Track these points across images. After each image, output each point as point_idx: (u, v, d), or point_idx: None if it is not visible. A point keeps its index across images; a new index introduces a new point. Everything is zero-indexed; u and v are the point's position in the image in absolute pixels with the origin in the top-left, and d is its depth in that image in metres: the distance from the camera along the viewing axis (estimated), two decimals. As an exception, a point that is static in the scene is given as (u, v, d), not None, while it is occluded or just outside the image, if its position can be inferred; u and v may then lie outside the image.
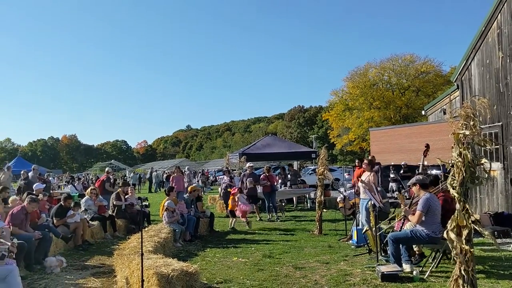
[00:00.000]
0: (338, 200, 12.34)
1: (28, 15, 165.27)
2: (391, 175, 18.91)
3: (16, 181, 21.61)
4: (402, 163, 18.89)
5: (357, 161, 14.29)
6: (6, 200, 9.47)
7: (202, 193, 17.47)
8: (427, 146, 9.98)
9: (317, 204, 11.06)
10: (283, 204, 16.31)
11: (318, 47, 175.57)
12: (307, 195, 17.73)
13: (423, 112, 24.29)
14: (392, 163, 19.31)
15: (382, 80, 51.88)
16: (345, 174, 27.01)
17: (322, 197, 11.01)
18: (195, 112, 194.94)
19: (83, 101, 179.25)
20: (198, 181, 32.24)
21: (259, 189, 14.54)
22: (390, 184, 19.04)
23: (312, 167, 30.75)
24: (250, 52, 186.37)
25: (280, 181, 17.81)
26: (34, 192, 10.53)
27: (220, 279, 6.73)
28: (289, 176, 17.89)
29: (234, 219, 12.31)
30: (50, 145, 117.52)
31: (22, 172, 15.94)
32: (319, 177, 10.98)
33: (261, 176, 14.54)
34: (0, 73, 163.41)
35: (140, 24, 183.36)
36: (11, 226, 7.55)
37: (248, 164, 15.64)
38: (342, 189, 14.61)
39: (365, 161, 9.61)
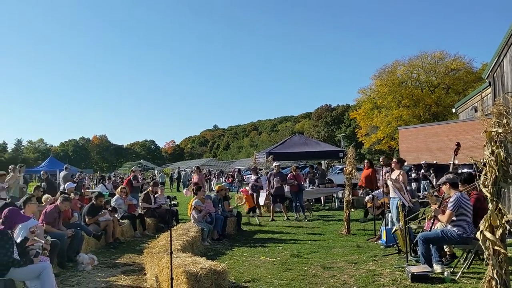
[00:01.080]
0: (366, 199, 12.21)
1: (57, 21, 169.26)
2: (412, 175, 18.60)
3: (32, 181, 22.16)
4: (422, 162, 18.58)
5: (365, 161, 14.27)
6: (39, 199, 9.76)
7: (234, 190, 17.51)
8: (458, 144, 9.77)
9: (345, 203, 10.99)
10: (311, 203, 16.24)
11: (344, 45, 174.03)
12: (334, 195, 17.61)
13: (453, 110, 23.82)
14: (423, 162, 18.97)
15: (411, 78, 51.03)
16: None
17: (350, 196, 10.92)
18: (222, 112, 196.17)
19: (113, 102, 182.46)
20: (235, 180, 32.35)
21: (286, 189, 14.52)
22: (422, 182, 18.70)
23: (340, 166, 30.50)
24: (277, 51, 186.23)
25: (307, 180, 17.74)
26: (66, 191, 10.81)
27: (248, 278, 6.76)
28: (317, 175, 17.80)
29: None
30: (81, 145, 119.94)
31: (41, 173, 16.26)
32: (347, 176, 10.89)
33: (288, 175, 14.51)
34: (33, 77, 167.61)
35: (169, 25, 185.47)
36: (44, 225, 7.76)
37: (275, 163, 15.64)
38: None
39: (394, 159, 9.47)
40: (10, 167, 13.40)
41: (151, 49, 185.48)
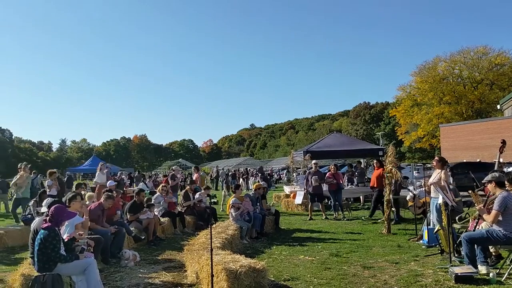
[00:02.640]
0: (407, 198, 11.97)
1: (96, 26, 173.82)
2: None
3: (76, 179, 22.59)
4: (464, 161, 18.06)
5: (375, 161, 14.01)
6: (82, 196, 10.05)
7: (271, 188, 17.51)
8: (503, 142, 9.43)
9: (385, 203, 10.81)
10: (349, 202, 16.07)
11: (383, 42, 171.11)
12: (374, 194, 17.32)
13: (498, 107, 23.03)
14: (464, 160, 18.46)
15: (452, 74, 49.70)
16: (414, 172, 26.13)
17: (391, 195, 10.74)
18: (259, 111, 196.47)
19: (153, 102, 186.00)
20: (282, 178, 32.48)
21: (325, 187, 14.41)
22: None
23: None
24: (314, 49, 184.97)
25: (346, 179, 17.55)
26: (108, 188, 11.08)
27: (287, 276, 6.75)
28: (356, 174, 17.58)
29: None
30: (122, 145, 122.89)
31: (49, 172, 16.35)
32: (388, 175, 10.71)
33: (327, 174, 14.40)
34: (76, 79, 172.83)
35: (205, 24, 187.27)
36: (89, 222, 8.00)
37: (313, 162, 15.54)
38: (411, 187, 14.14)
39: (436, 158, 9.24)
40: (19, 165, 13.45)
41: (189, 51, 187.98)
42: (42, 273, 5.32)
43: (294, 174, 24.03)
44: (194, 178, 16.04)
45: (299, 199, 16.18)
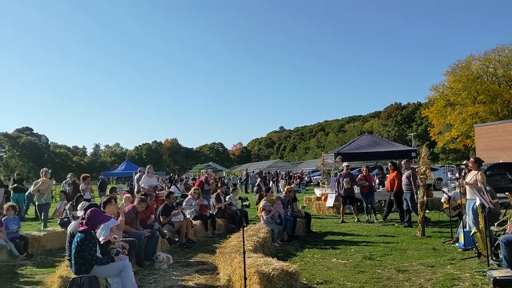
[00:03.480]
0: (442, 200, 11.72)
1: (122, 35, 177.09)
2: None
3: (110, 183, 22.88)
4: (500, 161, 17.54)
5: (389, 164, 13.77)
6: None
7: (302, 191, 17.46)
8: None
9: (419, 205, 10.61)
10: (382, 205, 15.83)
11: (414, 41, 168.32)
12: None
13: (535, 105, 22.28)
14: (501, 161, 17.94)
15: (487, 73, 48.47)
16: (448, 173, 25.55)
17: (425, 197, 10.53)
18: (288, 113, 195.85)
19: (183, 107, 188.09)
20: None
21: (356, 190, 14.26)
22: None
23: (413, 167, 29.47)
24: (344, 49, 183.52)
25: (377, 181, 17.30)
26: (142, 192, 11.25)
27: (320, 279, 6.70)
28: (387, 176, 17.30)
29: None
30: (154, 149, 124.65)
31: (69, 175, 16.57)
32: (421, 177, 10.51)
33: (359, 176, 14.24)
34: (109, 86, 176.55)
35: (237, 27, 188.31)
36: (123, 225, 8.14)
37: (344, 164, 15.41)
38: (445, 189, 13.85)
39: (472, 159, 9.01)
40: (41, 171, 13.39)
41: (218, 54, 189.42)
42: (79, 275, 5.45)
43: (325, 176, 23.86)
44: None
45: (330, 202, 16.05)
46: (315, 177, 42.21)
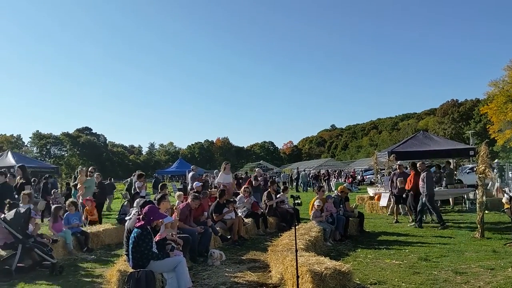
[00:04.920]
0: (503, 201, 11.21)
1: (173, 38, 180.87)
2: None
3: (164, 181, 23.08)
4: None
5: (410, 164, 13.27)
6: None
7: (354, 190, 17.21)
8: None
9: (478, 205, 10.20)
10: (438, 205, 15.33)
11: (472, 35, 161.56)
12: (465, 196, 16.41)
13: None
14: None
15: (552, 66, 45.76)
16: (509, 172, 24.38)
17: (484, 197, 10.11)
18: (340, 111, 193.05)
19: (234, 106, 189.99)
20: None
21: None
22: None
23: (470, 166, 28.41)
24: (397, 45, 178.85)
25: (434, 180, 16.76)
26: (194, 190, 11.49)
27: (374, 280, 6.59)
28: (444, 175, 16.76)
29: None
30: (206, 147, 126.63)
31: (95, 176, 16.25)
32: (480, 176, 10.10)
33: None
34: (163, 86, 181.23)
35: (281, 26, 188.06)
36: (178, 221, 8.35)
37: (398, 163, 15.04)
38: (507, 189, 13.21)
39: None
40: (78, 169, 13.28)
41: (269, 55, 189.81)
42: (136, 269, 5.64)
43: (378, 175, 23.42)
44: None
45: (384, 201, 15.74)
46: (367, 176, 41.51)
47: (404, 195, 13.31)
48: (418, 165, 12.70)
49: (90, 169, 13.45)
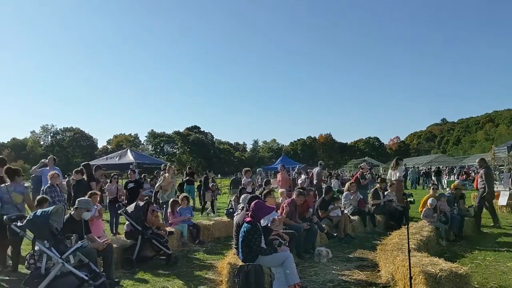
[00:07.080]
0: None
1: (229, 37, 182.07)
2: None
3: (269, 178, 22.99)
4: None
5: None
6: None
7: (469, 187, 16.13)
8: None
9: None
10: None
11: None
12: None
13: None
14: None
15: None
16: None
17: None
18: (451, 104, 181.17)
19: (336, 101, 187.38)
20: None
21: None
22: None
23: None
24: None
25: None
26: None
27: (494, 284, 6.13)
28: None
29: None
30: (308, 144, 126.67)
31: (129, 172, 15.20)
32: None
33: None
34: (264, 86, 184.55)
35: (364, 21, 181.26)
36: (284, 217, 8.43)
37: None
38: None
39: None
40: (163, 166, 13.33)
41: (369, 50, 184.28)
42: (246, 263, 5.80)
43: (497, 172, 21.68)
44: (278, 179, 15.65)
45: (503, 200, 14.54)
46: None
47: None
48: (477, 161, 11.67)
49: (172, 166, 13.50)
